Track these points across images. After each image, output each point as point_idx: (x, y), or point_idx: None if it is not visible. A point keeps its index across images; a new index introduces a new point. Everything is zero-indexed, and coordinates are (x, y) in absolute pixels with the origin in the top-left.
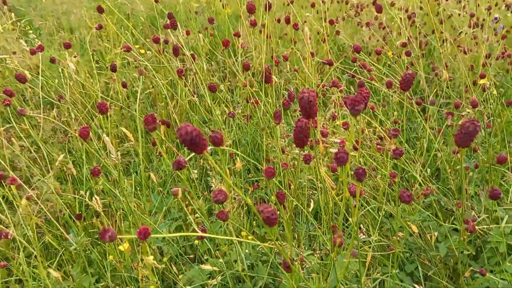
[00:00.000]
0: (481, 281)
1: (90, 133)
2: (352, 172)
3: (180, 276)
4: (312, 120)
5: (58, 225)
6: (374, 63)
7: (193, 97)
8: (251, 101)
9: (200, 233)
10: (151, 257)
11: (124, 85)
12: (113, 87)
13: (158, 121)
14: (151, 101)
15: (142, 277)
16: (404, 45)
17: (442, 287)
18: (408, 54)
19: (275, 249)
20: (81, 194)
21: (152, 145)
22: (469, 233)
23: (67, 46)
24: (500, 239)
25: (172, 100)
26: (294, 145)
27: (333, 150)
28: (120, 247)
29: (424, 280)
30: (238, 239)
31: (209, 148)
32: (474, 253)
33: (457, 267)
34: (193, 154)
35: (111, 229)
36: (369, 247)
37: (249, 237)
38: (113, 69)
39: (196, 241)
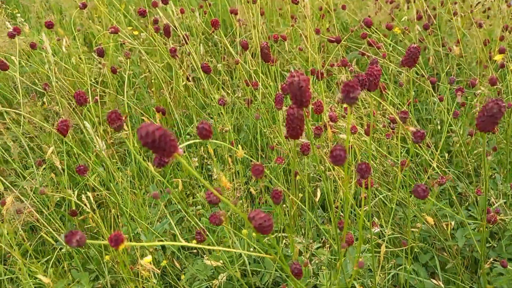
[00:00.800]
0: (499, 271)
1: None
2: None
3: (183, 277)
4: (305, 108)
5: (45, 223)
6: (384, 40)
7: (189, 81)
8: (250, 84)
9: (183, 243)
10: (149, 258)
11: (113, 71)
12: (104, 72)
13: (124, 118)
14: (147, 86)
15: (141, 277)
16: (420, 17)
17: (459, 279)
18: (426, 27)
19: (284, 240)
20: (70, 193)
21: None
22: (491, 225)
23: (49, 25)
24: None
25: (167, 86)
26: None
27: (343, 136)
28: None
29: (440, 271)
30: (233, 250)
31: (180, 149)
32: (495, 245)
33: (474, 255)
34: (188, 142)
35: (79, 232)
36: (383, 240)
37: (253, 234)
38: (100, 53)
39: (195, 241)
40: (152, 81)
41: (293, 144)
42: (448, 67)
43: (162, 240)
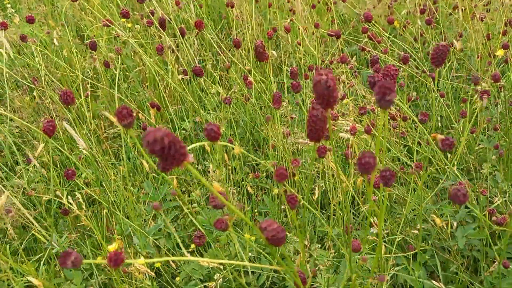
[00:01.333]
0: (500, 271)
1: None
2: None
3: (177, 279)
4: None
5: (34, 222)
6: (383, 34)
7: (183, 76)
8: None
9: (180, 257)
10: (142, 260)
11: (106, 65)
12: (96, 66)
13: (134, 114)
14: (141, 80)
15: (135, 279)
16: (423, 11)
17: (458, 279)
18: (429, 22)
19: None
20: (59, 194)
21: (142, 129)
22: (498, 226)
23: (30, 20)
24: None
25: (162, 80)
26: (307, 137)
27: (344, 135)
28: (110, 248)
29: (440, 270)
30: (233, 262)
31: (191, 157)
32: (501, 247)
33: (474, 254)
34: (194, 145)
35: (74, 253)
36: (385, 241)
37: (252, 238)
38: (93, 47)
39: (193, 246)
40: (146, 75)
41: (314, 146)
42: (449, 62)
43: (156, 240)
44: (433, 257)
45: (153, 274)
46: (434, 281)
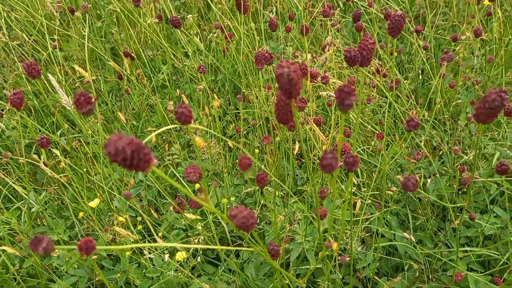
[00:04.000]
0: (466, 220)
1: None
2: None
3: (160, 233)
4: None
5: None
6: None
7: (159, 20)
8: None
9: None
10: (121, 218)
11: (72, 11)
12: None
13: (94, 100)
14: (114, 18)
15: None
16: None
17: (428, 227)
18: None
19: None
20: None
21: (118, 78)
22: (463, 185)
23: None
24: (488, 178)
25: (133, 27)
26: (276, 119)
27: (324, 93)
28: (91, 204)
29: (411, 219)
30: (217, 247)
31: (155, 161)
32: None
33: (443, 203)
34: (166, 128)
35: (45, 238)
36: (360, 197)
37: (232, 199)
38: None
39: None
40: (116, 19)
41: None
42: (434, 11)
43: (136, 192)
44: (404, 207)
45: (136, 237)
46: (405, 234)
